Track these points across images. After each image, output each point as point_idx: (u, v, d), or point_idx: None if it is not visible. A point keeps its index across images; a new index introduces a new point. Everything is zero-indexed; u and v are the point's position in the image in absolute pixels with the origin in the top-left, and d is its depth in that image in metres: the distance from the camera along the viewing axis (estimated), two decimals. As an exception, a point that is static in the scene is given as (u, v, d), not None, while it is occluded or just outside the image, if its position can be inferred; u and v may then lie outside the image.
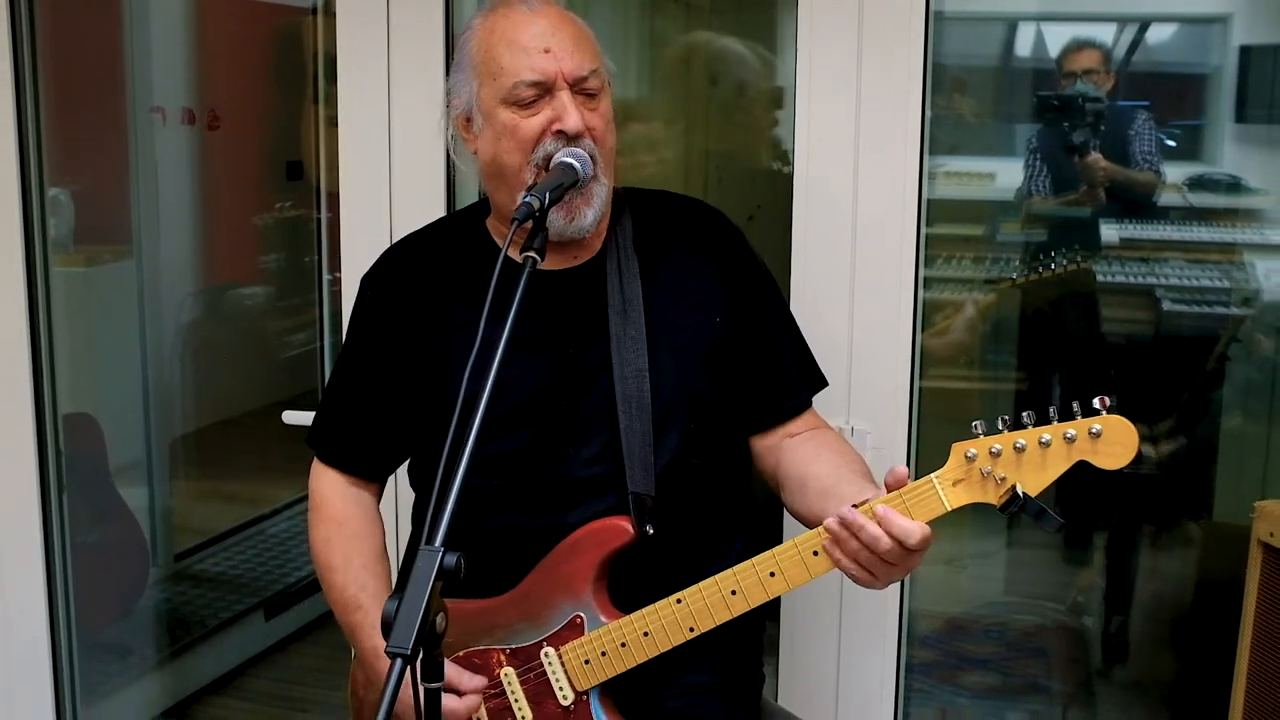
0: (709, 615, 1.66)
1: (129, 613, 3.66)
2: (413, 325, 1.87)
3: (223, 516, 4.31)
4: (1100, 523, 3.27)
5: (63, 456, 3.03)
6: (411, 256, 1.95)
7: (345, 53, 2.60)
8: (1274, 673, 1.97)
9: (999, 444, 1.53)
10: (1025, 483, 1.53)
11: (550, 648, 1.73)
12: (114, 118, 3.60)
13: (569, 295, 1.81)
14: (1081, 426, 1.50)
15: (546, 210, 1.61)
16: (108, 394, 3.54)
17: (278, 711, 3.68)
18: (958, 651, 3.25)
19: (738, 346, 1.86)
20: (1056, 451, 1.52)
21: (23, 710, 3.06)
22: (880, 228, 2.30)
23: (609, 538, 1.72)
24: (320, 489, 1.97)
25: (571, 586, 1.72)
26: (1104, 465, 1.51)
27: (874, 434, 2.29)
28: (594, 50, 1.79)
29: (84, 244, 3.42)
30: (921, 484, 1.56)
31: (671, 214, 1.94)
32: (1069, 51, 3.06)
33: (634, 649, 1.69)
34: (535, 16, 1.75)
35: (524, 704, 1.74)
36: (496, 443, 1.54)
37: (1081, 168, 3.02)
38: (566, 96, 1.73)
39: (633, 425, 1.75)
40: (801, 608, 2.42)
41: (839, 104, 2.29)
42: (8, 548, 2.98)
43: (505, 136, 1.75)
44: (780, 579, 1.62)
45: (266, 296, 4.34)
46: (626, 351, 1.78)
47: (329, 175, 3.99)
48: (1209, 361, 3.12)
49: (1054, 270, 3.13)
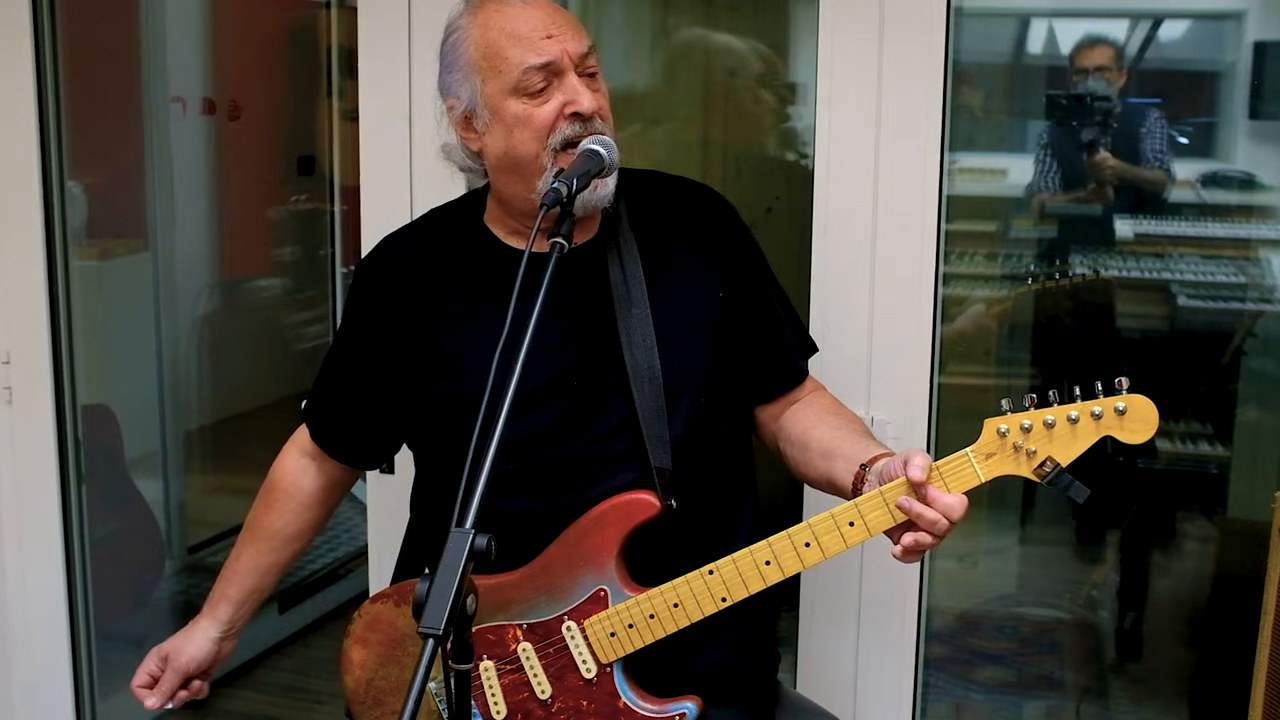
0: (742, 585, 1.68)
1: (144, 603, 3.69)
2: (407, 315, 1.88)
3: (236, 510, 4.35)
4: (1115, 518, 3.29)
5: (81, 447, 3.05)
6: (407, 247, 1.96)
7: (366, 45, 2.61)
8: None
9: (1029, 420, 1.60)
10: (1058, 454, 1.60)
11: (572, 621, 1.74)
12: (129, 111, 3.62)
13: (574, 276, 1.82)
14: (1108, 404, 1.58)
15: (575, 196, 1.63)
16: (123, 386, 3.56)
17: (293, 702, 3.73)
18: (972, 647, 3.27)
19: (738, 321, 1.89)
20: (1084, 427, 1.59)
21: (43, 698, 3.10)
22: (901, 221, 2.31)
23: (635, 511, 1.73)
24: (280, 454, 2.10)
25: (594, 560, 1.73)
26: (1128, 440, 1.59)
27: (894, 424, 2.30)
28: (587, 33, 1.80)
29: (97, 237, 3.43)
30: (957, 458, 1.62)
31: (664, 193, 1.96)
32: (1081, 48, 3.08)
33: (663, 620, 1.70)
34: (529, 8, 1.77)
35: (543, 678, 1.75)
36: (514, 426, 1.55)
37: (1090, 165, 3.04)
38: (574, 78, 1.74)
39: (646, 400, 1.77)
40: (820, 601, 2.44)
41: (860, 98, 2.30)
42: (28, 537, 3.01)
43: (519, 127, 1.76)
44: (815, 549, 1.66)
45: (282, 289, 4.37)
46: (634, 329, 1.80)
47: (343, 168, 4.02)
48: (1224, 356, 3.13)
49: (1070, 279, 3.16)
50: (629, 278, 1.83)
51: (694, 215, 1.93)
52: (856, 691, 2.43)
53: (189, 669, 2.06)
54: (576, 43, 1.75)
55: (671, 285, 1.86)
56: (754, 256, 1.97)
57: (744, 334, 1.90)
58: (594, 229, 1.86)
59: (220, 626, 2.07)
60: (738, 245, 1.94)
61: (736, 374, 1.90)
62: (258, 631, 3.92)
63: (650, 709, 1.73)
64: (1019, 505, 3.46)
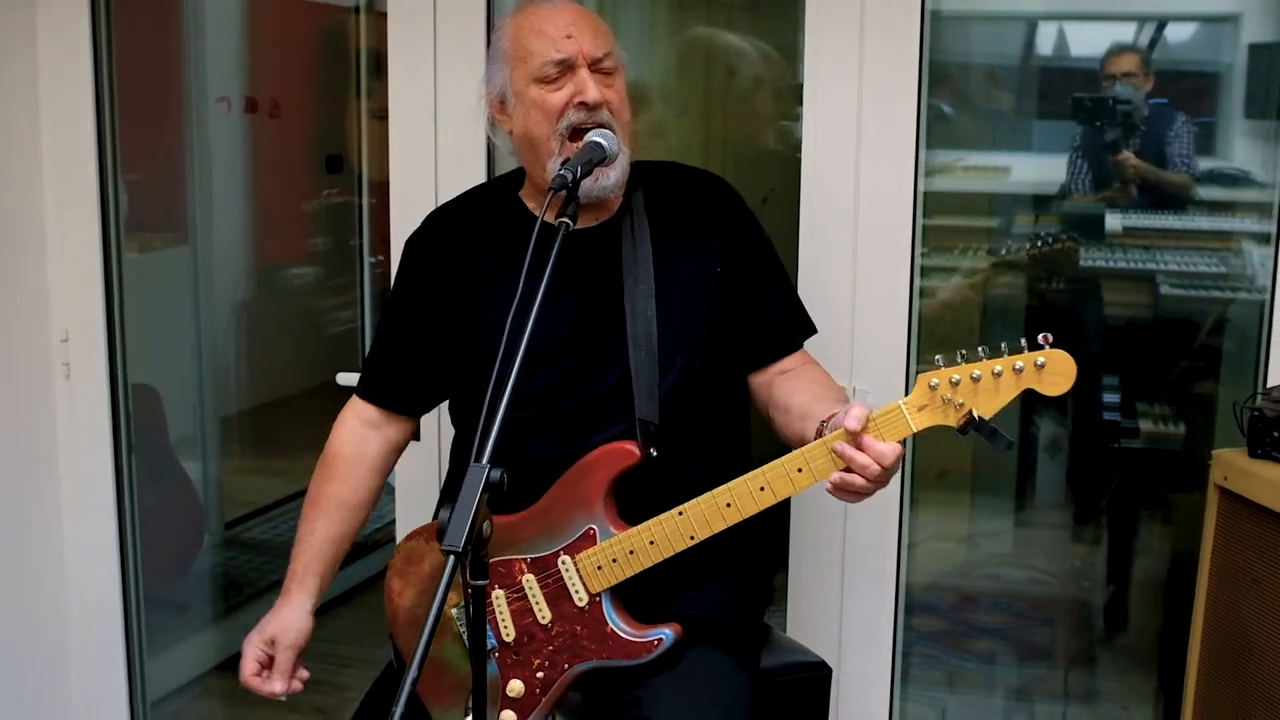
0: (707, 524, 1.86)
1: (186, 571, 3.84)
2: (449, 281, 2.12)
3: (270, 489, 4.43)
4: (1100, 498, 3.40)
5: (132, 420, 3.21)
6: (450, 220, 2.21)
7: (395, 50, 2.78)
8: (1229, 601, 2.15)
9: (958, 374, 1.72)
10: (980, 408, 1.72)
11: (567, 556, 1.94)
12: (170, 112, 3.72)
13: (590, 251, 2.05)
14: (1028, 359, 1.70)
15: (579, 181, 1.84)
16: (164, 374, 3.67)
17: (324, 666, 3.80)
18: (967, 620, 3.38)
19: (735, 295, 2.09)
20: (1007, 381, 1.71)
21: (98, 656, 3.26)
22: (879, 212, 2.49)
23: (618, 459, 1.93)
24: (340, 428, 2.24)
25: (585, 503, 1.93)
26: (1047, 392, 1.70)
27: (874, 394, 2.48)
28: (610, 39, 2.05)
29: (137, 232, 3.51)
30: (890, 410, 1.76)
31: (679, 182, 2.18)
32: (1110, 55, 3.14)
33: (641, 555, 1.90)
34: (558, 12, 2.03)
35: (543, 605, 1.96)
36: (532, 379, 1.77)
37: (1114, 165, 3.12)
38: (585, 73, 1.99)
39: (640, 361, 1.99)
40: (809, 554, 2.62)
41: (842, 99, 2.47)
42: (85, 501, 3.17)
43: (534, 110, 2.01)
44: (769, 492, 1.83)
45: (315, 276, 4.46)
46: (637, 300, 2.01)
47: (371, 164, 4.14)
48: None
49: (1039, 249, 3.27)
50: (639, 255, 2.05)
51: (702, 200, 2.16)
52: (841, 636, 2.61)
53: (299, 643, 2.14)
54: (593, 44, 2.00)
55: (676, 262, 2.07)
56: (755, 238, 2.17)
57: (738, 305, 2.10)
58: (612, 210, 2.09)
59: (311, 599, 2.16)
60: (739, 228, 2.15)
61: (731, 343, 2.10)
62: None
63: (632, 634, 1.93)
64: (1012, 491, 3.54)
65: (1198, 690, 2.17)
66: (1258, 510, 2.04)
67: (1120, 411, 3.39)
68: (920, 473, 2.94)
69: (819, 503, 2.56)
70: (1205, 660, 2.17)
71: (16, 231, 3.03)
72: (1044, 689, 3.30)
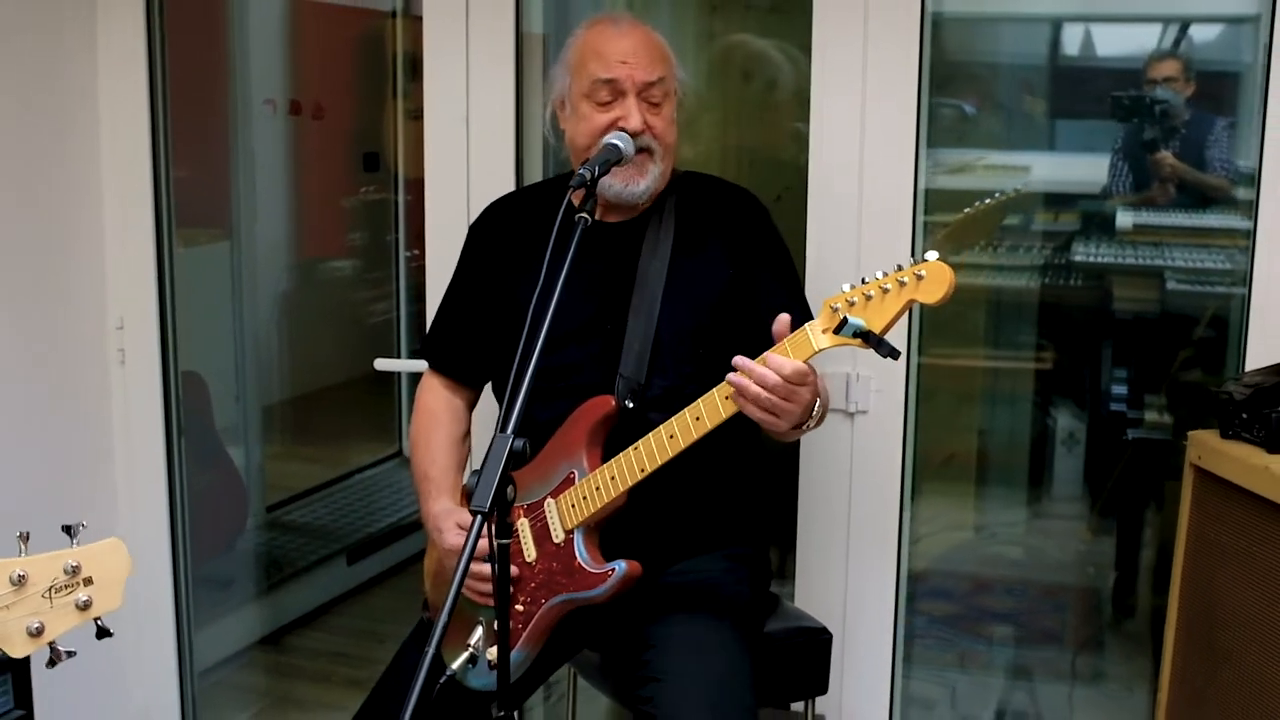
0: (654, 456, 2.00)
1: (230, 550, 3.98)
2: (497, 266, 2.33)
3: (308, 475, 4.60)
4: (1109, 487, 3.48)
5: (182, 404, 3.33)
6: (504, 211, 2.42)
7: (430, 55, 2.89)
8: (1203, 571, 2.28)
9: (855, 296, 1.83)
10: (872, 322, 1.81)
11: (550, 499, 2.12)
12: (215, 113, 3.82)
13: (620, 242, 2.25)
14: (910, 273, 1.79)
15: (597, 180, 2.01)
16: (208, 367, 3.76)
17: (359, 643, 4.01)
18: (980, 606, 3.48)
19: (742, 295, 2.24)
20: (894, 295, 1.80)
21: (149, 629, 3.36)
22: (882, 210, 2.61)
23: (595, 409, 2.12)
24: (422, 393, 2.46)
25: (569, 451, 2.12)
26: (929, 300, 1.77)
27: (876, 379, 2.62)
28: (665, 67, 2.22)
29: (183, 227, 3.51)
30: (798, 332, 1.89)
31: (710, 192, 2.35)
32: (1152, 60, 3.20)
33: (604, 491, 2.05)
34: (621, 36, 2.21)
35: (530, 545, 2.13)
36: (554, 356, 1.94)
37: (1151, 164, 3.19)
38: (633, 101, 2.17)
39: (637, 328, 2.17)
40: (816, 528, 2.75)
41: (847, 102, 2.59)
42: (138, 480, 3.28)
43: (582, 123, 2.21)
44: (703, 421, 1.96)
45: (353, 269, 4.59)
46: (648, 281, 2.20)
47: (406, 162, 4.28)
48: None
49: (1050, 245, 3.33)
50: (659, 250, 2.24)
51: (726, 210, 2.33)
52: (845, 608, 2.73)
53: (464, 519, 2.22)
54: (645, 73, 2.18)
55: (691, 258, 2.25)
56: (769, 248, 2.32)
57: (744, 303, 2.25)
58: (640, 210, 2.28)
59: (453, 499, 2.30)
60: (753, 236, 2.31)
61: (739, 337, 2.21)
62: (328, 582, 4.24)
63: (593, 565, 2.08)
64: (1025, 484, 3.65)
65: (1174, 654, 2.31)
66: (1228, 487, 2.17)
67: (1126, 403, 3.48)
68: (925, 458, 3.04)
69: (827, 483, 2.73)
70: (1181, 626, 2.31)
71: (76, 224, 3.14)
72: (1051, 671, 3.38)
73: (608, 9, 3.42)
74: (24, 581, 1.61)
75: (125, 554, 1.69)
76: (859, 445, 2.68)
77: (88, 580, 1.66)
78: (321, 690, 3.80)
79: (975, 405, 3.64)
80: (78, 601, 1.65)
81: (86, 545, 1.66)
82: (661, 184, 2.25)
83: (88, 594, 1.66)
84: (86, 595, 1.66)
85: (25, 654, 1.63)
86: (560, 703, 3.18)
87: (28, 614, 1.63)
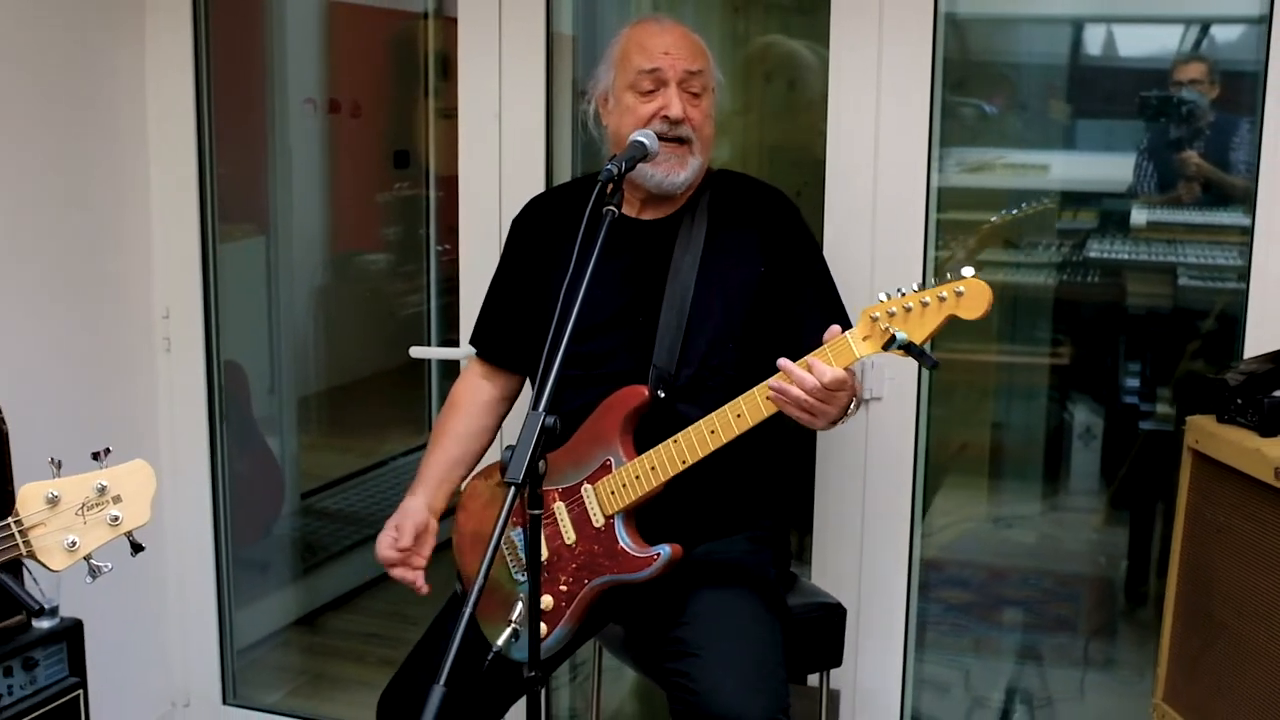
0: (695, 450, 2.12)
1: (267, 535, 4.06)
2: (536, 258, 2.44)
3: (341, 464, 4.61)
4: (1120, 477, 3.53)
5: (223, 392, 3.44)
6: (544, 205, 2.54)
7: (465, 56, 2.98)
8: (1199, 550, 2.36)
9: (894, 307, 1.95)
10: (912, 334, 1.93)
11: (588, 484, 2.23)
12: (254, 111, 3.87)
13: (654, 238, 2.36)
14: (950, 289, 1.91)
15: (624, 174, 2.11)
16: (245, 359, 3.78)
17: (392, 624, 4.06)
18: (997, 594, 3.56)
19: (775, 293, 2.35)
20: (933, 309, 1.92)
21: (192, 609, 3.49)
22: (896, 207, 2.70)
23: (629, 399, 2.23)
24: (455, 384, 2.58)
25: (603, 438, 2.23)
26: (968, 316, 1.90)
27: (890, 367, 2.70)
28: (704, 62, 2.35)
29: (221, 223, 3.56)
30: (838, 339, 2.01)
31: (743, 191, 2.46)
32: (1178, 63, 3.21)
33: (645, 480, 2.17)
34: (664, 32, 2.33)
35: (569, 528, 2.24)
36: (584, 345, 2.05)
37: (1177, 163, 3.21)
38: (674, 90, 2.29)
39: (669, 320, 2.28)
40: (832, 519, 2.84)
41: (862, 100, 2.67)
42: (182, 464, 3.39)
43: (627, 114, 2.32)
44: (744, 418, 2.08)
45: (386, 263, 4.63)
46: (680, 275, 2.30)
47: (438, 160, 4.29)
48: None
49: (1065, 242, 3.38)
50: (691, 245, 2.34)
51: (759, 209, 2.43)
52: (860, 587, 2.83)
53: (419, 524, 2.40)
54: (687, 63, 2.31)
55: (723, 256, 2.35)
56: (801, 246, 2.42)
57: (779, 302, 2.35)
58: (678, 206, 2.39)
59: (429, 498, 2.45)
60: (788, 237, 2.41)
61: (771, 332, 2.35)
62: (361, 566, 4.25)
63: (637, 550, 2.19)
64: (1040, 477, 3.70)
65: (1172, 627, 2.41)
66: (1223, 468, 2.25)
67: (1138, 395, 3.54)
68: (938, 447, 3.11)
69: (842, 467, 2.82)
70: (1179, 600, 2.40)
71: (125, 216, 3.24)
72: (1064, 657, 3.45)
73: (634, 9, 3.53)
74: (57, 501, 1.74)
75: (150, 473, 1.81)
76: (874, 431, 2.78)
77: (116, 498, 1.78)
78: (355, 669, 3.88)
79: (989, 396, 3.71)
80: (109, 518, 1.78)
81: (113, 466, 1.78)
82: (698, 178, 2.36)
83: (118, 510, 1.78)
84: (117, 511, 1.78)
85: (63, 567, 1.76)
86: (586, 682, 3.29)
87: (63, 530, 1.75)
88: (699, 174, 2.35)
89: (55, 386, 3.06)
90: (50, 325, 3.06)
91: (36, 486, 1.74)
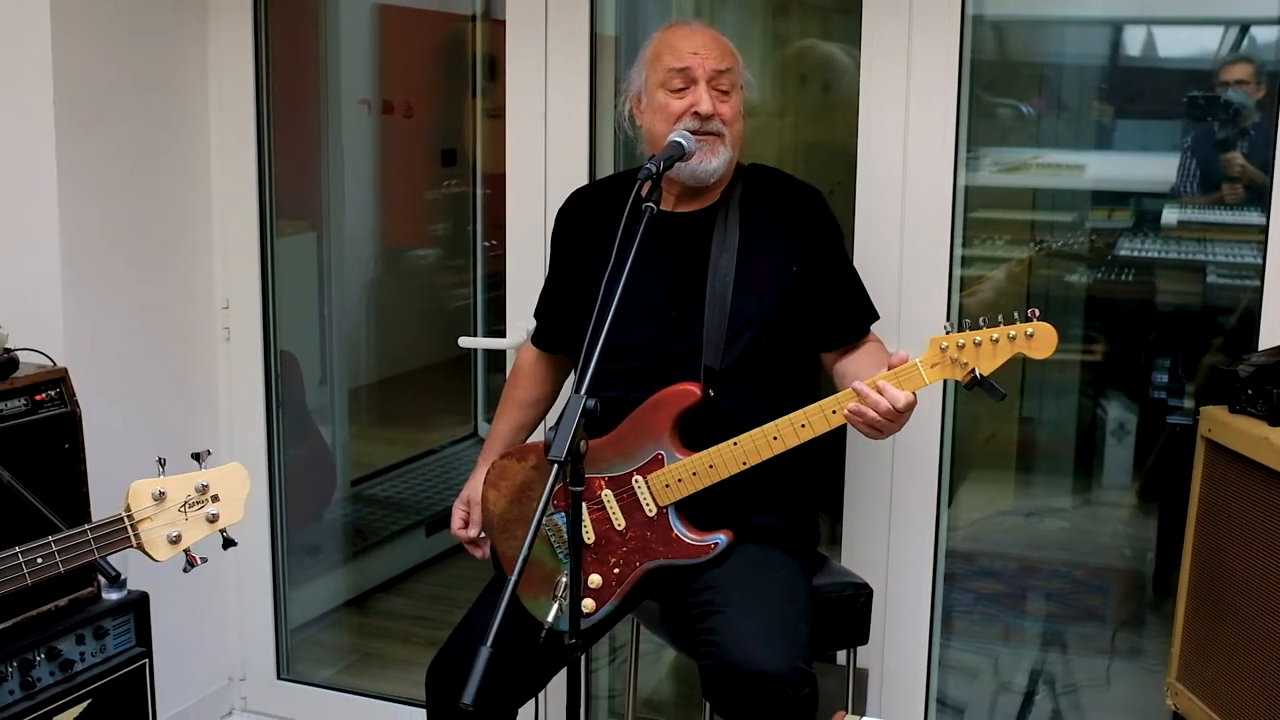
0: (757, 453, 2.25)
1: (319, 519, 4.17)
2: (578, 250, 2.56)
3: (390, 453, 4.72)
4: (1145, 471, 3.59)
5: (280, 379, 3.55)
6: (585, 199, 2.65)
7: (513, 58, 3.06)
8: (1211, 535, 2.44)
9: (964, 340, 2.10)
10: (981, 366, 2.09)
11: (639, 476, 2.34)
12: (308, 111, 3.94)
13: (689, 231, 2.46)
14: (1020, 329, 2.08)
15: (662, 173, 2.22)
16: (299, 350, 3.88)
17: (437, 606, 4.19)
18: (1027, 585, 3.62)
19: (809, 290, 2.45)
20: (1002, 346, 2.09)
21: (249, 589, 3.60)
22: (924, 205, 2.77)
23: (682, 397, 2.34)
24: (520, 350, 2.76)
25: (654, 432, 2.33)
26: (1035, 356, 2.08)
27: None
28: (732, 61, 2.46)
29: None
30: (909, 366, 2.14)
31: (775, 186, 2.56)
32: (1225, 64, 3.23)
33: (702, 476, 2.29)
34: (694, 34, 2.45)
35: (619, 514, 2.36)
36: (622, 336, 2.17)
37: (1223, 163, 3.23)
38: (704, 88, 2.40)
39: (714, 320, 2.38)
40: (862, 500, 2.92)
41: (892, 100, 2.74)
42: (240, 450, 3.48)
43: (659, 111, 2.43)
44: (809, 429, 2.22)
45: (435, 258, 4.74)
46: (719, 273, 2.40)
47: (485, 158, 4.39)
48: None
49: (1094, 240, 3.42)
50: (727, 241, 2.44)
51: (791, 204, 2.52)
52: (888, 570, 2.92)
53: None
54: (715, 61, 2.42)
55: (757, 252, 2.45)
56: (831, 241, 2.53)
57: (812, 297, 2.46)
58: (712, 200, 2.49)
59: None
60: (819, 231, 2.51)
61: (804, 327, 2.47)
62: (408, 551, 4.41)
63: (695, 539, 2.32)
64: (1071, 472, 3.74)
65: (1185, 612, 2.49)
66: (1234, 456, 2.34)
67: (1166, 390, 3.58)
68: (964, 438, 3.18)
69: (871, 452, 2.90)
70: (1192, 586, 2.48)
71: (188, 210, 3.34)
72: (1090, 646, 3.51)
73: (675, 10, 3.61)
74: (163, 497, 1.90)
75: (245, 474, 1.97)
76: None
77: (215, 497, 1.93)
78: (402, 649, 3.97)
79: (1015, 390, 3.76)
80: (208, 515, 1.93)
81: (213, 468, 1.92)
82: (729, 170, 2.46)
83: (216, 509, 1.94)
84: (215, 510, 1.93)
85: (166, 558, 1.91)
86: (624, 665, 3.36)
87: (167, 524, 1.91)
88: (730, 166, 2.45)
89: (124, 371, 3.16)
90: (121, 312, 3.16)
91: (145, 484, 1.90)
